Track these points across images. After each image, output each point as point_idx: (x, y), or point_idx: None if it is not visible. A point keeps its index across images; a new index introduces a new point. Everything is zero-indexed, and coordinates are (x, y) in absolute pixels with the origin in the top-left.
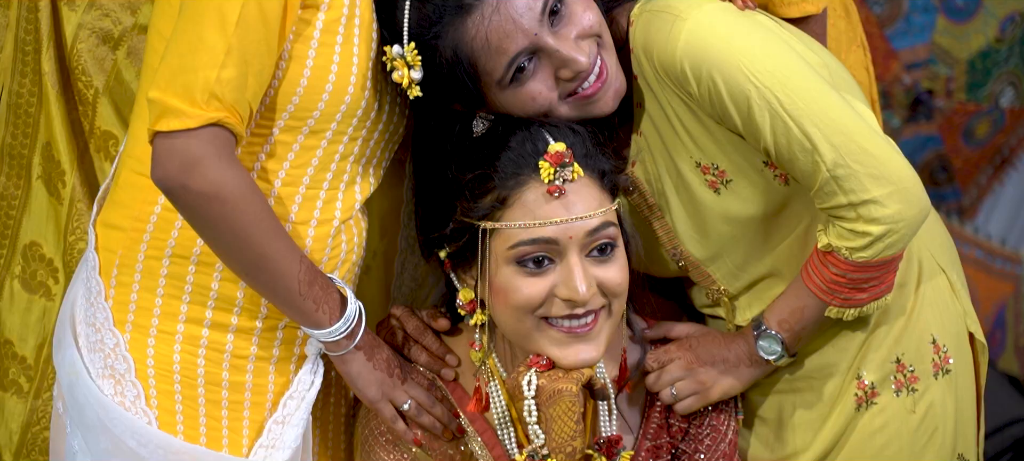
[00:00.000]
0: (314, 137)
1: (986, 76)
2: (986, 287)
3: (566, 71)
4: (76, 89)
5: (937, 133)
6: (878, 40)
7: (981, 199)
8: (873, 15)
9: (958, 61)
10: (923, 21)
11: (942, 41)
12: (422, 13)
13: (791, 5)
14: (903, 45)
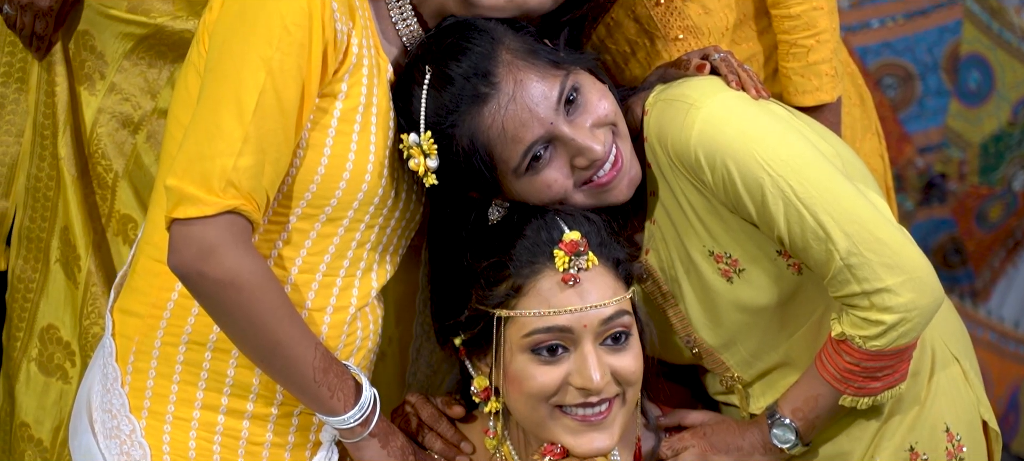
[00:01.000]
0: (331, 225)
1: (999, 160)
2: (999, 370)
3: (581, 159)
4: (95, 173)
5: (950, 216)
6: (891, 124)
7: (994, 282)
8: (886, 99)
9: (971, 145)
10: (936, 105)
11: (955, 125)
12: (439, 102)
13: (805, 94)
14: (916, 129)
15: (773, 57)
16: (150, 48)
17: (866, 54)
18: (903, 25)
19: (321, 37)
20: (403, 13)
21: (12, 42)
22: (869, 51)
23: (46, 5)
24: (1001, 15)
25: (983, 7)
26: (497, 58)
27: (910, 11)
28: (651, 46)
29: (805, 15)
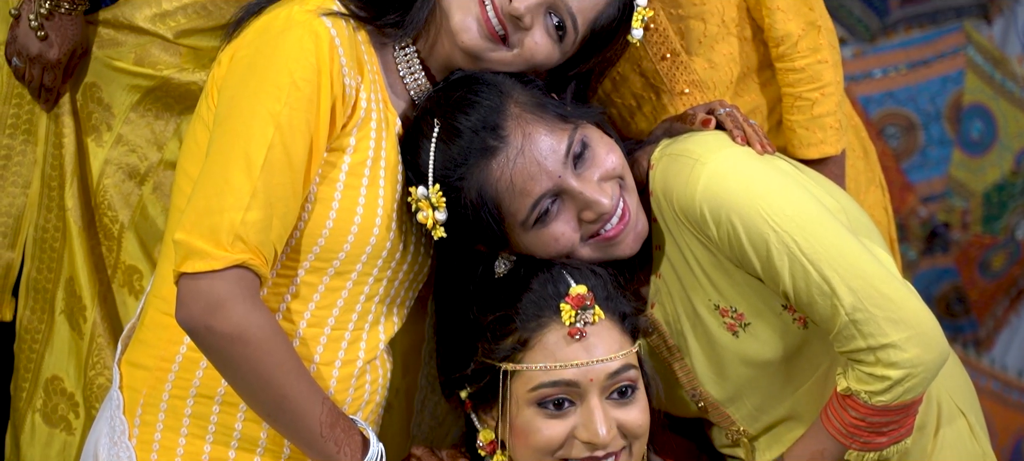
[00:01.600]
0: (339, 278)
1: (1002, 209)
2: (1003, 419)
3: (589, 213)
4: (102, 224)
5: (953, 265)
6: (894, 173)
7: (997, 331)
8: (889, 149)
9: (974, 194)
10: (939, 154)
11: (958, 174)
12: (447, 155)
13: (810, 146)
14: (919, 178)
15: (777, 109)
16: (157, 100)
17: (869, 104)
18: (906, 75)
19: (330, 92)
20: (411, 67)
21: (19, 94)
22: (872, 101)
23: (55, 58)
24: (1004, 65)
25: (986, 57)
26: (505, 111)
27: (913, 61)
28: (657, 100)
29: (810, 68)
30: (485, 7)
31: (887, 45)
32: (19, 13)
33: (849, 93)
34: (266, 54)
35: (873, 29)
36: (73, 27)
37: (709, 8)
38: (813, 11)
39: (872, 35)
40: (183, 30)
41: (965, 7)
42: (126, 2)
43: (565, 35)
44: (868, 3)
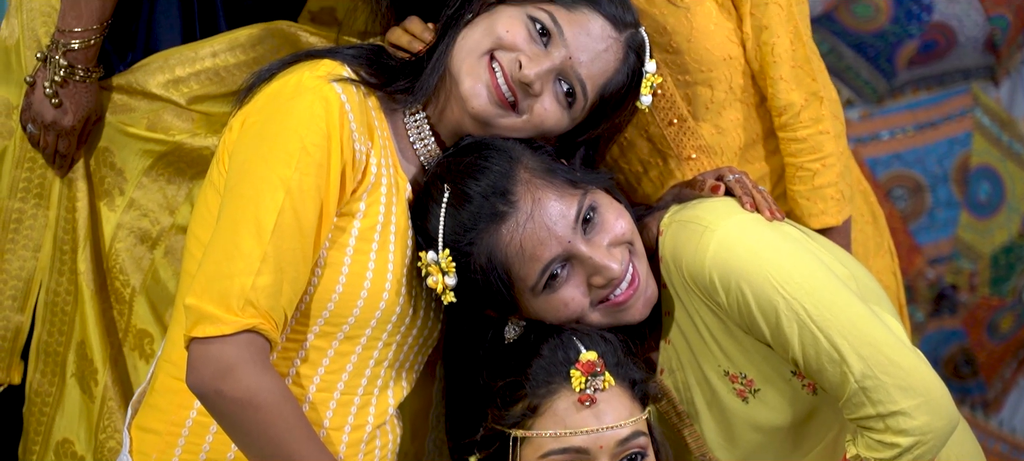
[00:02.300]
0: (349, 343)
1: (1010, 271)
2: None
3: (599, 278)
4: (113, 288)
5: (961, 327)
6: (902, 235)
7: (1006, 393)
8: (897, 210)
9: (982, 256)
10: (946, 216)
11: (965, 236)
12: (457, 220)
13: (811, 217)
14: (927, 240)
15: (784, 177)
16: (169, 165)
17: (876, 166)
18: (913, 137)
19: (340, 157)
20: (421, 132)
21: (31, 158)
22: (879, 163)
23: (69, 125)
24: (1011, 127)
25: (993, 119)
26: (515, 177)
27: (920, 123)
28: (664, 165)
29: (812, 139)
30: (495, 74)
31: (894, 107)
32: (34, 80)
33: (856, 155)
34: (277, 119)
35: (880, 91)
36: (87, 94)
37: (716, 75)
38: (816, 82)
39: (879, 97)
40: (196, 96)
41: (972, 69)
42: (139, 68)
43: (574, 101)
44: (875, 65)
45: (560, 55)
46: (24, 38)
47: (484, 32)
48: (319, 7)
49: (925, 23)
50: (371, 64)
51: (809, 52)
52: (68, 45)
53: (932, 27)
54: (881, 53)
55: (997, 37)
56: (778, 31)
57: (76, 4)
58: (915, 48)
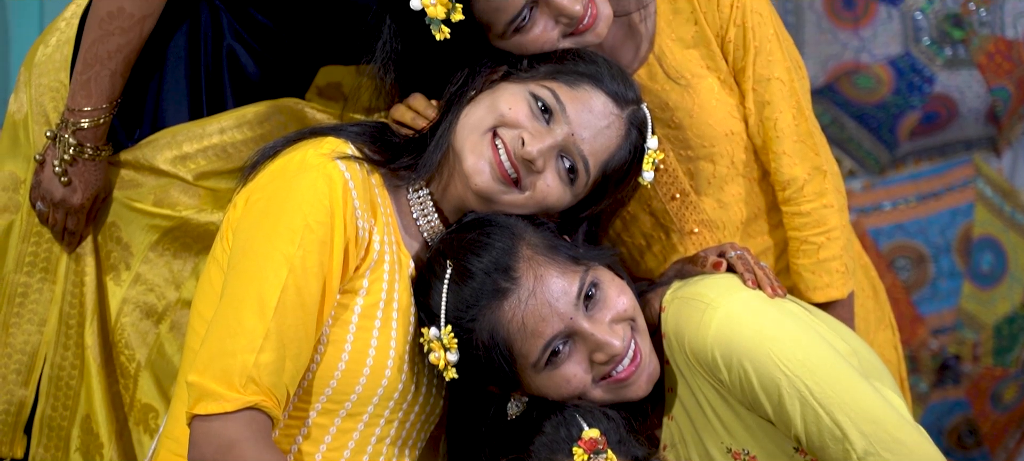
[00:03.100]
0: (351, 420)
1: (1013, 341)
2: None
3: (601, 354)
4: (118, 363)
5: (964, 397)
6: (904, 306)
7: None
8: (899, 281)
9: (985, 326)
10: (949, 287)
11: (969, 307)
12: (459, 296)
13: (816, 290)
14: (929, 310)
15: (786, 251)
16: (175, 240)
17: (879, 236)
18: (915, 207)
19: (343, 235)
20: (424, 209)
21: (38, 232)
22: (882, 233)
23: (78, 203)
24: (1013, 197)
25: (995, 190)
26: (517, 253)
27: (922, 193)
28: (667, 239)
29: (815, 213)
30: (498, 150)
31: (896, 178)
32: (43, 159)
33: (859, 225)
34: (280, 197)
35: (882, 161)
36: (96, 172)
37: (718, 150)
38: (819, 156)
39: (881, 167)
40: (203, 172)
41: (974, 140)
42: (147, 144)
43: (577, 178)
44: (877, 136)
45: (562, 132)
46: (32, 113)
47: (487, 109)
48: (326, 82)
49: (927, 94)
50: (375, 141)
51: (811, 126)
52: (78, 124)
53: (934, 98)
54: (883, 124)
55: (999, 108)
56: (780, 106)
57: (86, 83)
58: (917, 119)
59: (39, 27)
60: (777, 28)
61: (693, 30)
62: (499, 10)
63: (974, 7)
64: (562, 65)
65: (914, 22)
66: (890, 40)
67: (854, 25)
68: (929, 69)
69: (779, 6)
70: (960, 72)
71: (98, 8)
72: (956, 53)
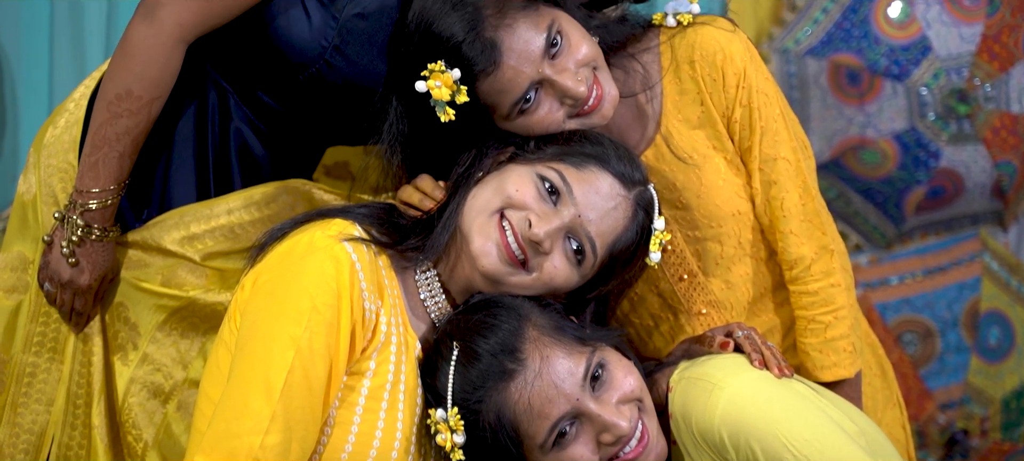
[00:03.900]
0: None
1: (1021, 415)
2: None
3: (608, 435)
4: (125, 443)
5: None
6: (912, 380)
7: None
8: (907, 356)
9: (993, 401)
10: (957, 361)
11: (976, 381)
12: (466, 378)
13: (824, 370)
14: (937, 385)
15: (793, 329)
16: (182, 319)
17: (886, 311)
18: (922, 282)
19: (350, 317)
20: (432, 290)
21: (46, 312)
22: (888, 308)
23: (86, 284)
24: (1020, 272)
25: (1002, 264)
26: (524, 335)
27: (929, 268)
28: (674, 320)
29: (823, 292)
30: (505, 232)
31: (903, 252)
32: (52, 240)
33: (866, 300)
34: (287, 279)
35: (889, 236)
36: (104, 253)
37: (726, 230)
38: (825, 235)
39: (888, 242)
40: (210, 252)
41: (980, 214)
42: (155, 225)
43: (584, 259)
44: (883, 211)
45: (569, 213)
46: (41, 194)
47: (494, 191)
48: (333, 161)
49: (932, 169)
50: (382, 223)
51: (818, 206)
52: (86, 205)
53: (939, 173)
54: (889, 199)
55: (1004, 183)
56: (787, 186)
57: (94, 165)
58: (923, 194)
59: (48, 107)
60: (783, 108)
61: (699, 111)
62: (504, 92)
63: (979, 82)
64: (569, 146)
65: (919, 97)
66: (895, 115)
67: (859, 101)
68: (935, 144)
69: (784, 81)
70: (966, 147)
71: (106, 90)
72: (961, 128)
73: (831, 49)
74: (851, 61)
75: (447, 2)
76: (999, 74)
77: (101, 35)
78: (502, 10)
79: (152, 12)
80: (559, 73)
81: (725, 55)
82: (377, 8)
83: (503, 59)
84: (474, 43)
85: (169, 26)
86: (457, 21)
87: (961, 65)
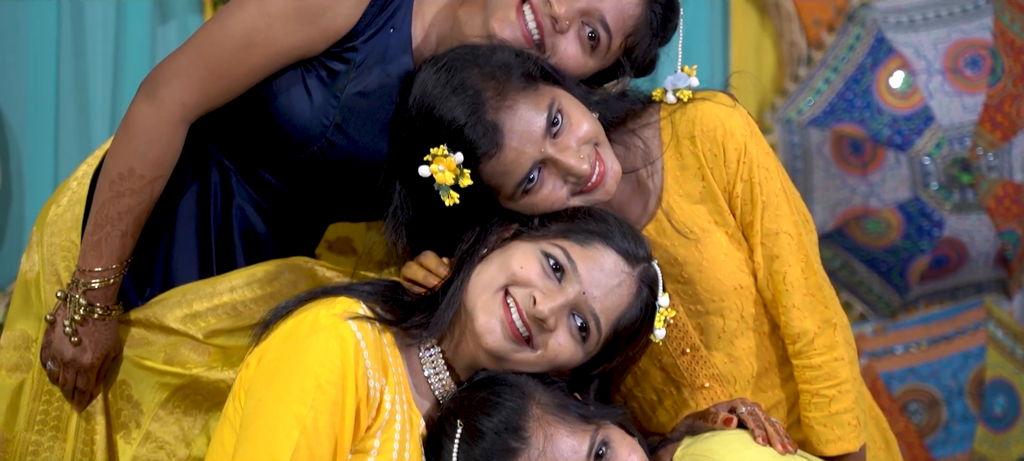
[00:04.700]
0: None
1: None
2: None
3: None
4: None
5: None
6: (918, 450)
7: None
8: (912, 425)
9: None
10: (962, 430)
11: (982, 450)
12: (470, 456)
13: (829, 443)
14: (943, 454)
15: (798, 404)
16: (186, 397)
17: (891, 380)
18: (927, 351)
19: (354, 395)
20: (436, 367)
21: (49, 391)
22: (894, 377)
23: (88, 363)
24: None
25: (1007, 332)
26: (527, 413)
27: (934, 337)
28: (677, 394)
29: (826, 366)
30: (509, 309)
31: (908, 321)
32: (54, 319)
33: (871, 370)
34: (292, 357)
35: (894, 305)
36: (107, 332)
37: (728, 304)
38: (828, 309)
39: (893, 311)
40: (213, 330)
41: (985, 283)
42: (157, 303)
43: (588, 336)
44: (888, 280)
45: (574, 291)
46: (44, 272)
47: (499, 268)
48: (336, 236)
49: (936, 239)
50: (386, 301)
51: (820, 280)
52: (88, 284)
53: (943, 243)
54: (893, 268)
55: (1008, 252)
56: (789, 260)
57: (97, 244)
58: (927, 263)
59: (54, 182)
60: (784, 182)
61: (701, 186)
62: (507, 173)
63: (982, 152)
64: (573, 223)
65: (922, 167)
66: (899, 185)
67: (863, 170)
68: (938, 213)
69: (788, 151)
70: (969, 216)
71: (109, 169)
72: (965, 197)
73: (834, 119)
74: (854, 131)
75: (448, 86)
76: (1001, 143)
77: (106, 111)
78: (502, 92)
79: (154, 91)
80: (561, 152)
81: (726, 130)
82: (378, 87)
83: (505, 141)
84: (476, 126)
85: (171, 105)
86: (458, 105)
87: (963, 134)
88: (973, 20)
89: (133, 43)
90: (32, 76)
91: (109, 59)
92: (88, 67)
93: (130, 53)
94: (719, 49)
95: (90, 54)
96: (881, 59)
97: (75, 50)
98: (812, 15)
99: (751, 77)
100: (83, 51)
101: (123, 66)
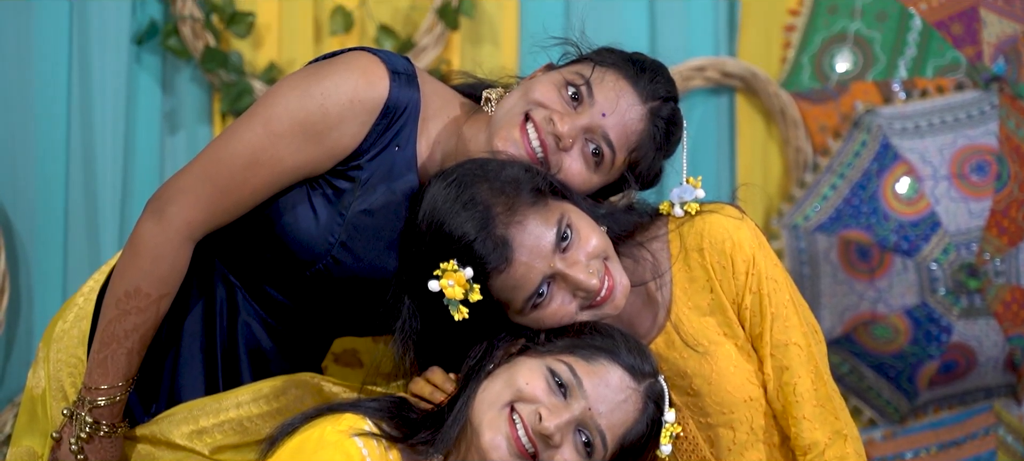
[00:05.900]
0: None
1: None
2: None
3: None
4: None
5: None
6: None
7: None
8: None
9: None
10: None
11: None
12: None
13: None
14: None
15: None
16: None
17: None
18: (937, 456)
19: None
20: None
21: None
22: None
23: None
24: None
25: (1016, 437)
26: None
27: (943, 442)
28: None
29: None
30: (515, 426)
31: (917, 426)
32: (60, 436)
33: None
34: None
35: (903, 411)
36: (112, 449)
37: (738, 416)
38: (838, 420)
39: (902, 417)
40: (219, 446)
41: (994, 387)
42: (164, 419)
43: (594, 452)
44: (896, 385)
45: (580, 407)
46: (50, 388)
47: (505, 384)
48: (342, 349)
49: (944, 344)
50: (393, 417)
51: (830, 390)
52: (94, 402)
53: (952, 348)
54: (902, 373)
55: (1017, 357)
56: (799, 372)
57: (103, 362)
58: (935, 368)
59: (62, 294)
60: (792, 293)
61: (709, 298)
62: (517, 288)
63: (989, 257)
64: (579, 339)
65: (929, 273)
66: (906, 291)
67: (870, 276)
68: (946, 319)
69: (795, 258)
70: (977, 321)
71: (115, 287)
72: (972, 303)
73: (841, 225)
74: (861, 237)
75: (457, 201)
76: (1009, 248)
77: (115, 222)
78: (512, 207)
79: (161, 210)
80: (570, 266)
81: (734, 242)
82: (383, 204)
83: (515, 256)
84: (486, 241)
85: (177, 224)
86: (468, 220)
87: (970, 240)
88: (978, 126)
89: (142, 154)
90: (41, 186)
91: (118, 169)
92: (97, 177)
93: (139, 163)
94: (726, 155)
95: (99, 164)
96: (887, 165)
97: (85, 160)
98: (818, 121)
99: (758, 183)
100: (92, 161)
101: (132, 176)
